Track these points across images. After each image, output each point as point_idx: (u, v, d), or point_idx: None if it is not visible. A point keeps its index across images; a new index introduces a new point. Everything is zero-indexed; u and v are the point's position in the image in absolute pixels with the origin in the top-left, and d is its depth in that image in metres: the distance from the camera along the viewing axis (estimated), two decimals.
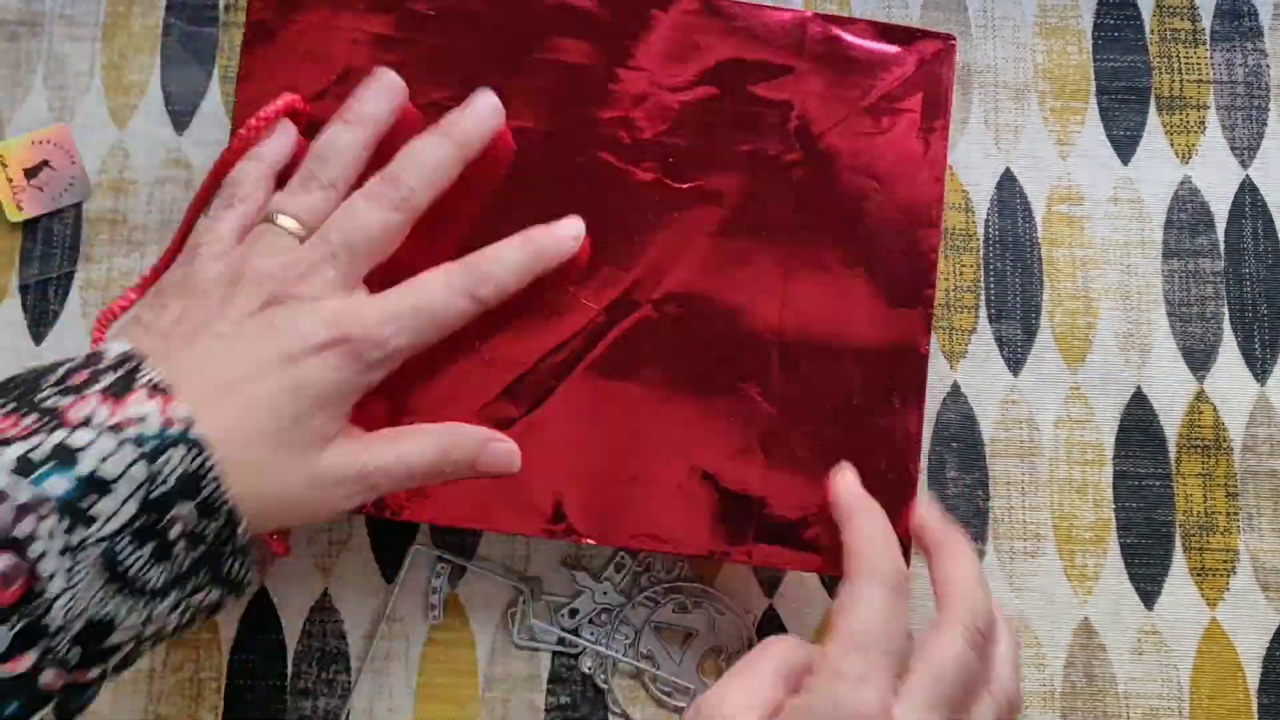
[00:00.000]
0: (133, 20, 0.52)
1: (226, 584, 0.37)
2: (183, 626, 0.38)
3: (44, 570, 0.32)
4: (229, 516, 0.36)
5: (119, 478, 0.33)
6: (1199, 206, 0.51)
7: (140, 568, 0.34)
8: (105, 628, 0.34)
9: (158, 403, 0.35)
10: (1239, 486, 0.49)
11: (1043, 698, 0.47)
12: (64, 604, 0.33)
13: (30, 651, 0.32)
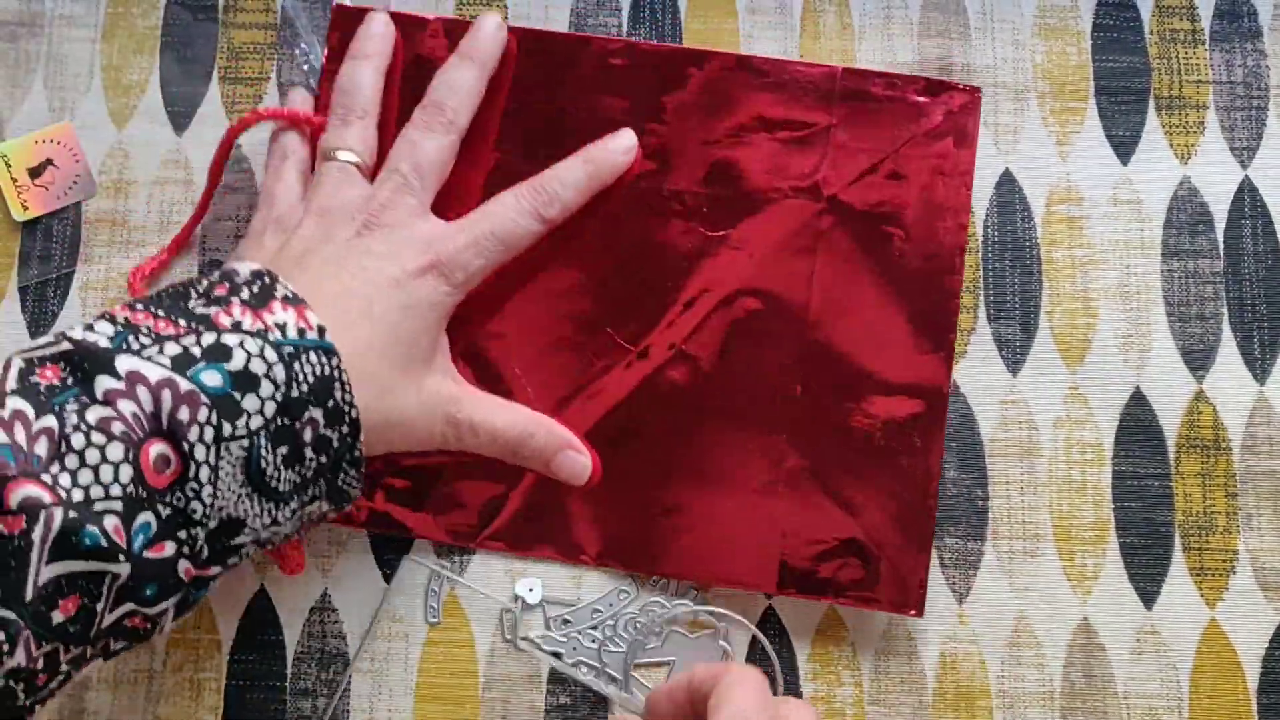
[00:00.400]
0: (132, 21, 0.52)
1: (337, 496, 0.40)
2: (290, 535, 0.40)
3: (196, 457, 0.34)
4: (353, 425, 0.39)
5: (264, 376, 0.36)
6: (1198, 207, 0.51)
7: (274, 468, 0.37)
8: (236, 526, 0.37)
9: (293, 312, 0.38)
10: (1238, 486, 0.49)
11: (1042, 698, 0.47)
12: (209, 494, 0.35)
13: (172, 539, 0.34)
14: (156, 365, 0.35)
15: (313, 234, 0.43)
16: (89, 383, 0.34)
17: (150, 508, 0.34)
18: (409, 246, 0.42)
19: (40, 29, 0.52)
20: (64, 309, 0.49)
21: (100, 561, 0.33)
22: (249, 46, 0.52)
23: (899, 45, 0.52)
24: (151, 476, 0.34)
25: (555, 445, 0.45)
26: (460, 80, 0.46)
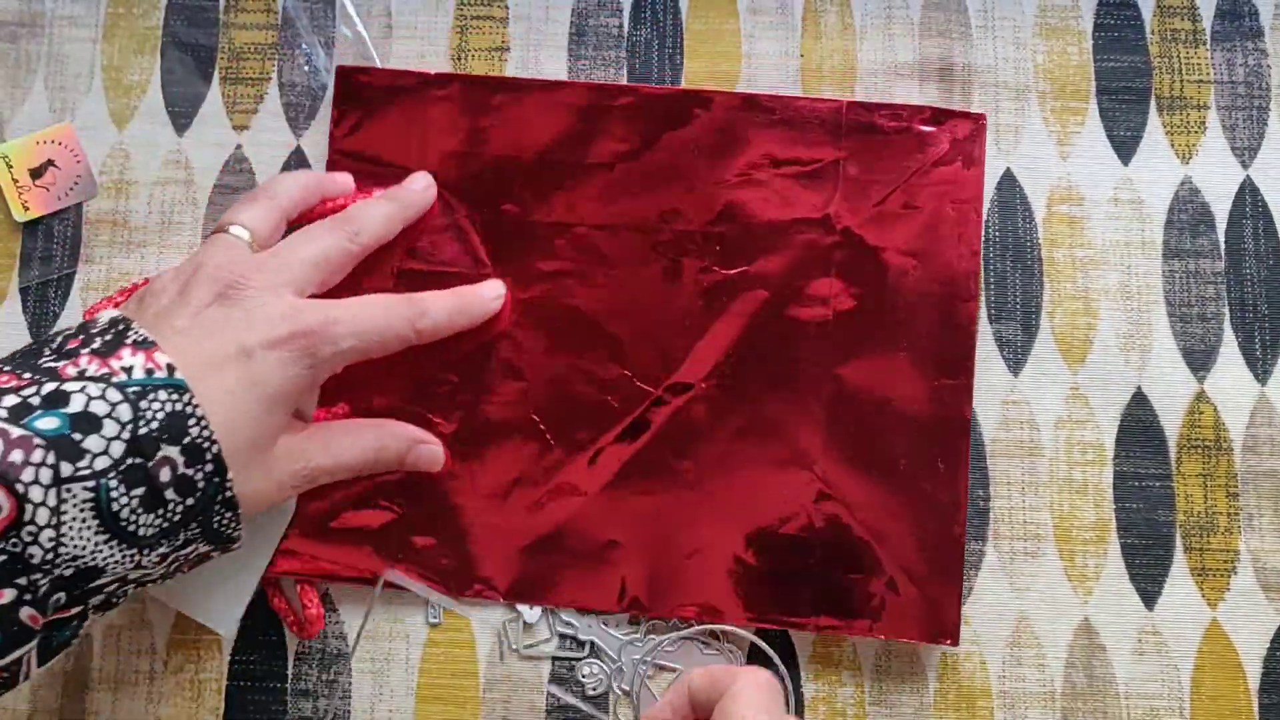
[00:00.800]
0: (133, 21, 0.52)
1: (217, 539, 0.39)
2: (168, 575, 0.39)
3: (32, 499, 0.33)
4: (217, 462, 0.37)
5: (106, 416, 0.35)
6: (1199, 207, 0.51)
7: (131, 512, 0.35)
8: (95, 574, 0.36)
9: (142, 355, 0.37)
10: (1239, 487, 0.49)
11: (1043, 698, 0.47)
12: (49, 538, 0.34)
13: (10, 586, 0.34)
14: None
15: (172, 298, 0.40)
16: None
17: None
18: (267, 316, 0.40)
19: (41, 29, 0.52)
20: (65, 309, 0.49)
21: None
22: (250, 47, 0.52)
23: (900, 45, 0.52)
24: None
25: (403, 447, 0.46)
26: (376, 210, 0.46)
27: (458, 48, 0.52)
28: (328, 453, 0.43)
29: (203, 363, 0.38)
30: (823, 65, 0.52)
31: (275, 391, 0.39)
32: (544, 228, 0.48)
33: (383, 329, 0.43)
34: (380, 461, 0.45)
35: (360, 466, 0.45)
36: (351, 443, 0.44)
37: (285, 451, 0.41)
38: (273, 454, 0.40)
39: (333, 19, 0.52)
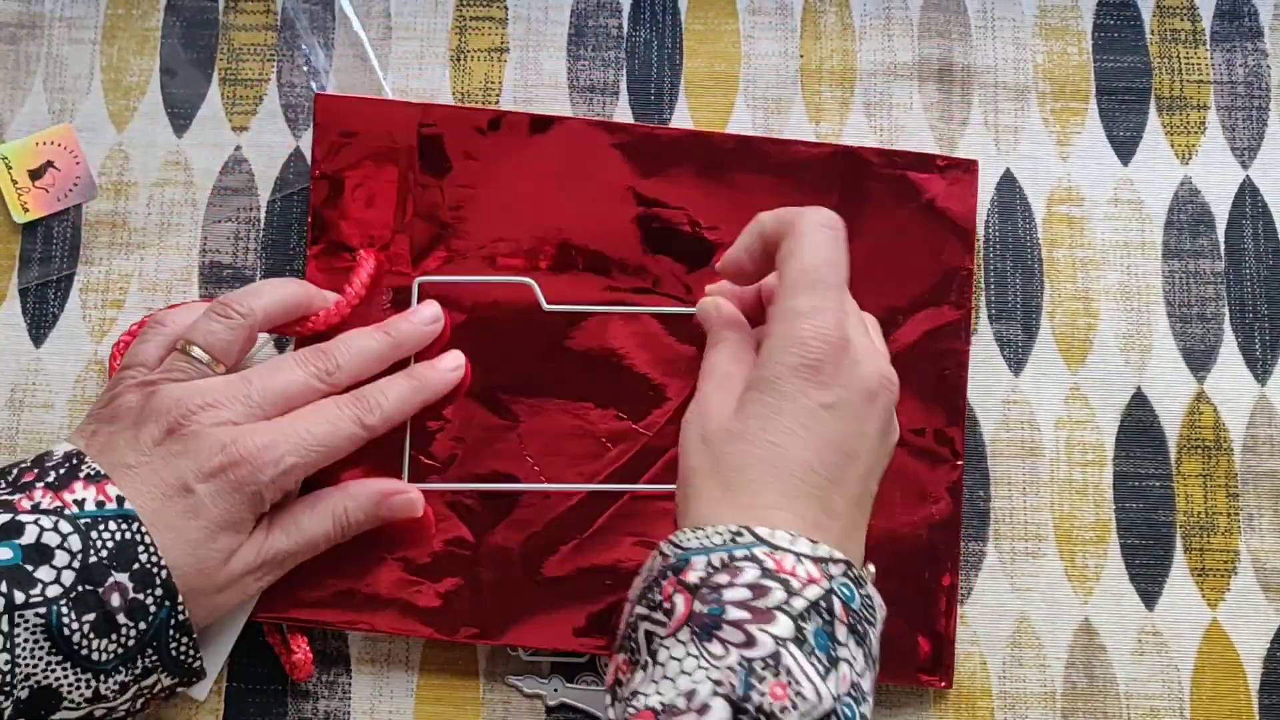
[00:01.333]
0: (132, 23, 0.52)
1: (177, 668, 0.40)
2: (135, 713, 0.41)
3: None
4: (167, 586, 0.39)
5: (58, 547, 0.38)
6: (1199, 207, 0.51)
7: (83, 636, 0.37)
8: (51, 696, 0.37)
9: (94, 489, 0.39)
10: (1239, 487, 0.49)
11: (1044, 698, 0.47)
12: (4, 661, 0.36)
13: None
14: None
15: (126, 435, 0.41)
16: None
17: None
18: (206, 448, 0.41)
19: (40, 31, 0.52)
20: (64, 310, 0.49)
21: None
22: (249, 48, 0.52)
23: (899, 45, 0.52)
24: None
25: (370, 506, 0.45)
26: (362, 345, 0.45)
27: (457, 48, 0.52)
28: (289, 536, 0.43)
29: (150, 499, 0.40)
30: (822, 65, 0.52)
31: (217, 520, 0.41)
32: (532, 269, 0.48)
33: (327, 437, 0.43)
34: (349, 526, 0.44)
35: (326, 537, 0.44)
36: (313, 518, 0.44)
37: (244, 555, 0.42)
38: (228, 568, 0.41)
39: (332, 20, 0.52)
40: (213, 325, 0.43)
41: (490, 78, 0.51)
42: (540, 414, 0.47)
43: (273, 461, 0.41)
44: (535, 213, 0.48)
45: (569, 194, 0.48)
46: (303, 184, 0.50)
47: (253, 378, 0.43)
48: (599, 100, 0.51)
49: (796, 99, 0.51)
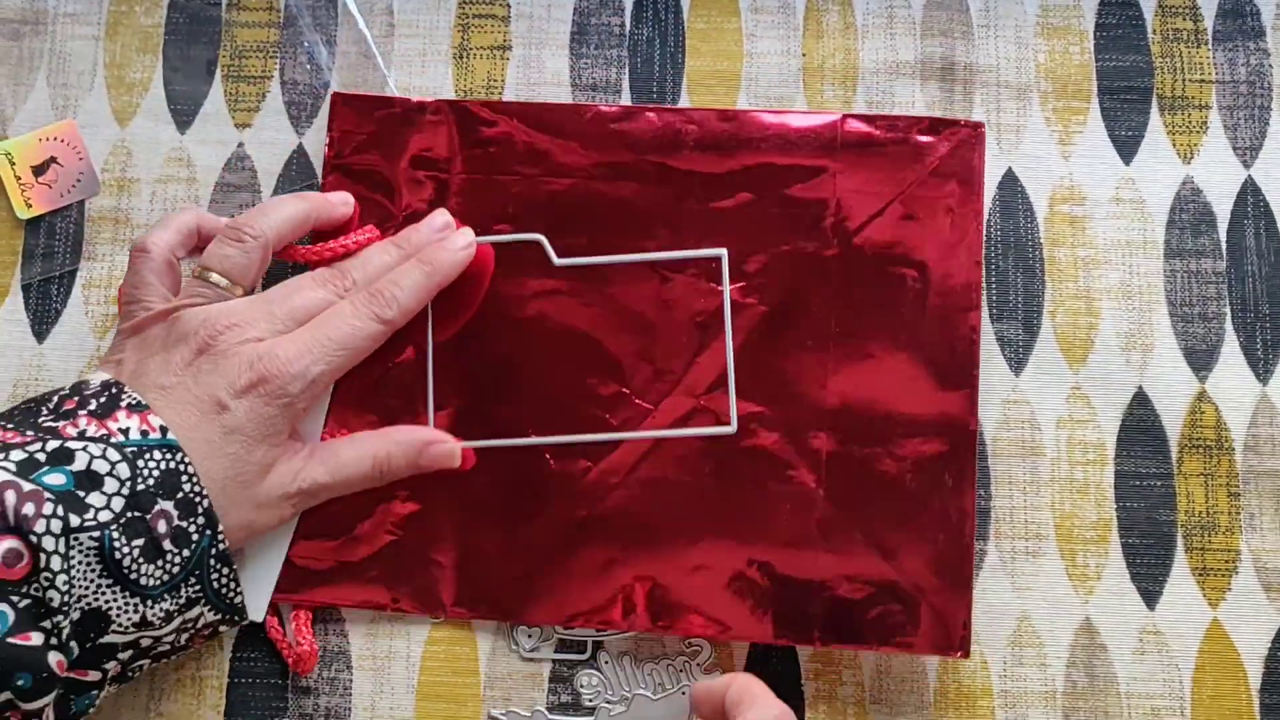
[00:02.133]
0: (135, 19, 0.52)
1: (219, 602, 0.42)
2: (180, 648, 0.42)
3: (45, 548, 0.36)
4: (208, 516, 0.40)
5: (107, 474, 0.39)
6: (1201, 206, 0.51)
7: (133, 561, 0.38)
8: (101, 620, 0.38)
9: (137, 418, 0.40)
10: (1241, 486, 0.49)
11: (1044, 698, 0.47)
12: (64, 582, 0.37)
13: (36, 630, 0.36)
14: (2, 470, 0.37)
15: (157, 357, 0.43)
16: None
17: (3, 599, 0.36)
18: (235, 366, 0.42)
19: (44, 27, 0.52)
20: (67, 306, 0.49)
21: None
22: (252, 45, 0.52)
23: (901, 44, 0.52)
24: (3, 570, 0.36)
25: (414, 451, 0.46)
26: (378, 260, 0.46)
27: (459, 46, 0.52)
28: (327, 468, 0.44)
29: (187, 418, 0.41)
30: (824, 64, 0.52)
31: (253, 433, 0.42)
32: (539, 247, 0.48)
33: (349, 339, 0.44)
34: (389, 470, 0.46)
35: (364, 477, 0.45)
36: (354, 455, 0.45)
37: (280, 476, 0.43)
38: (266, 484, 0.43)
39: (335, 17, 0.52)
40: (227, 250, 0.44)
41: (493, 75, 0.52)
42: (542, 384, 0.47)
43: (300, 373, 0.43)
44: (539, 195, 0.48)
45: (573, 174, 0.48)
46: (305, 181, 0.50)
47: (273, 298, 0.44)
48: (601, 98, 0.51)
49: (799, 97, 0.52)
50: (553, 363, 0.47)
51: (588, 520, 0.46)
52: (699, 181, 0.48)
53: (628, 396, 0.47)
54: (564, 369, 0.47)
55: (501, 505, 0.47)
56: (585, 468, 0.47)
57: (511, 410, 0.47)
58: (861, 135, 0.48)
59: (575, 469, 0.47)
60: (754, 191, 0.48)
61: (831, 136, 0.48)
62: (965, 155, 0.48)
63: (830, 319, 0.47)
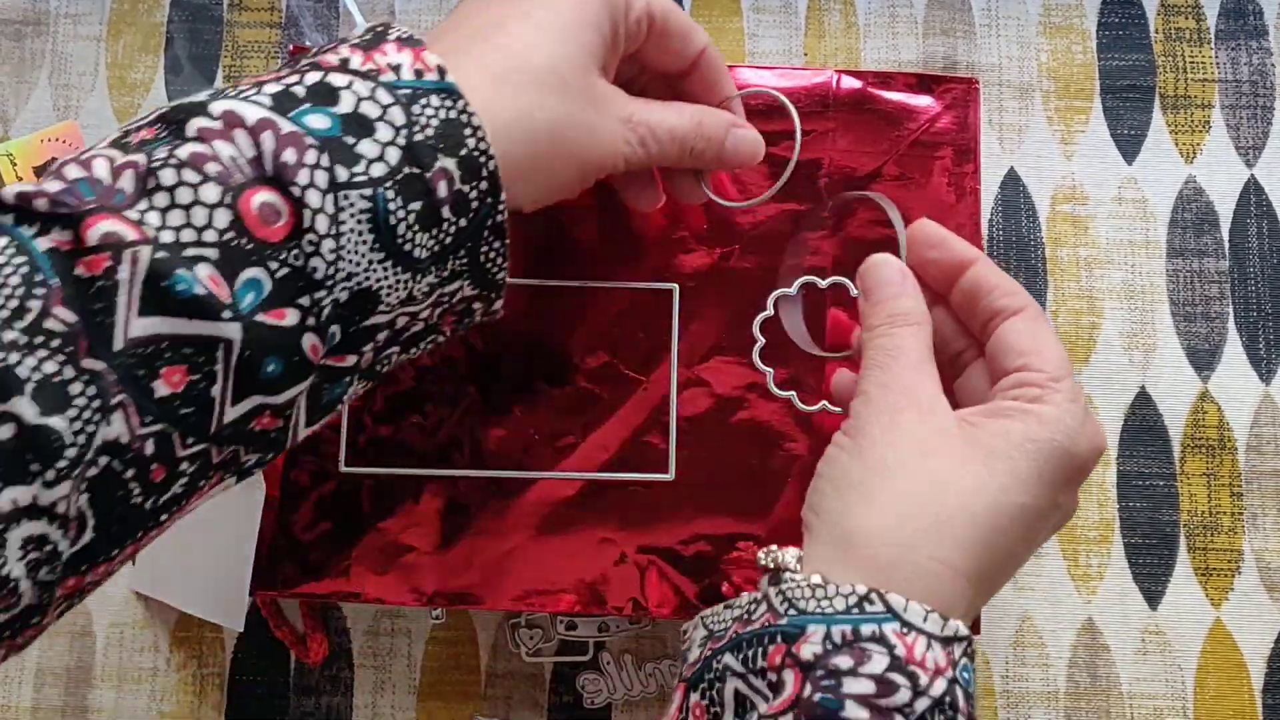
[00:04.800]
0: (137, 19, 0.52)
1: (482, 277, 0.35)
2: (433, 327, 0.36)
3: (310, 204, 0.30)
4: (492, 180, 0.33)
5: (379, 119, 0.32)
6: (1203, 206, 0.51)
7: (408, 228, 0.32)
8: (370, 299, 0.32)
9: (409, 53, 0.33)
10: (1243, 486, 0.49)
11: (1047, 698, 0.47)
12: (330, 250, 0.30)
13: (293, 306, 0.30)
14: (254, 105, 0.31)
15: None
16: (181, 127, 0.30)
17: (260, 263, 0.30)
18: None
19: (45, 28, 0.52)
20: None
21: (203, 320, 0.29)
22: (253, 45, 0.52)
23: (904, 44, 0.52)
24: (258, 227, 0.30)
25: (722, 128, 0.40)
26: None
27: None
28: (652, 114, 0.38)
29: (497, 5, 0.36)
30: (826, 64, 0.52)
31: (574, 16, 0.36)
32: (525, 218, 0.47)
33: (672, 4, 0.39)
34: (701, 138, 0.40)
35: (684, 136, 0.39)
36: (674, 112, 0.39)
37: (611, 98, 0.37)
38: (598, 90, 0.37)
39: (336, 17, 0.52)
40: None
41: None
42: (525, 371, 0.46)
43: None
44: None
45: None
46: None
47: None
48: None
49: None
50: (538, 336, 0.46)
51: (576, 497, 0.45)
52: None
53: (616, 368, 0.45)
54: (550, 344, 0.46)
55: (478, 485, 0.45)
56: (571, 444, 0.45)
57: (499, 389, 0.45)
58: (854, 93, 0.47)
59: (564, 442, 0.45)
60: None
61: (824, 95, 0.47)
62: (960, 113, 0.47)
63: (827, 282, 0.45)
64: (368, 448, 0.45)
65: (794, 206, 0.46)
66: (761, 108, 0.46)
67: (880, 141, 0.47)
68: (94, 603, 0.47)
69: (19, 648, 0.30)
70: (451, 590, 0.44)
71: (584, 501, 0.45)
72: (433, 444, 0.45)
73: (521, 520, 0.45)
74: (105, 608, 0.47)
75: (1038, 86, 0.52)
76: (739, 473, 0.45)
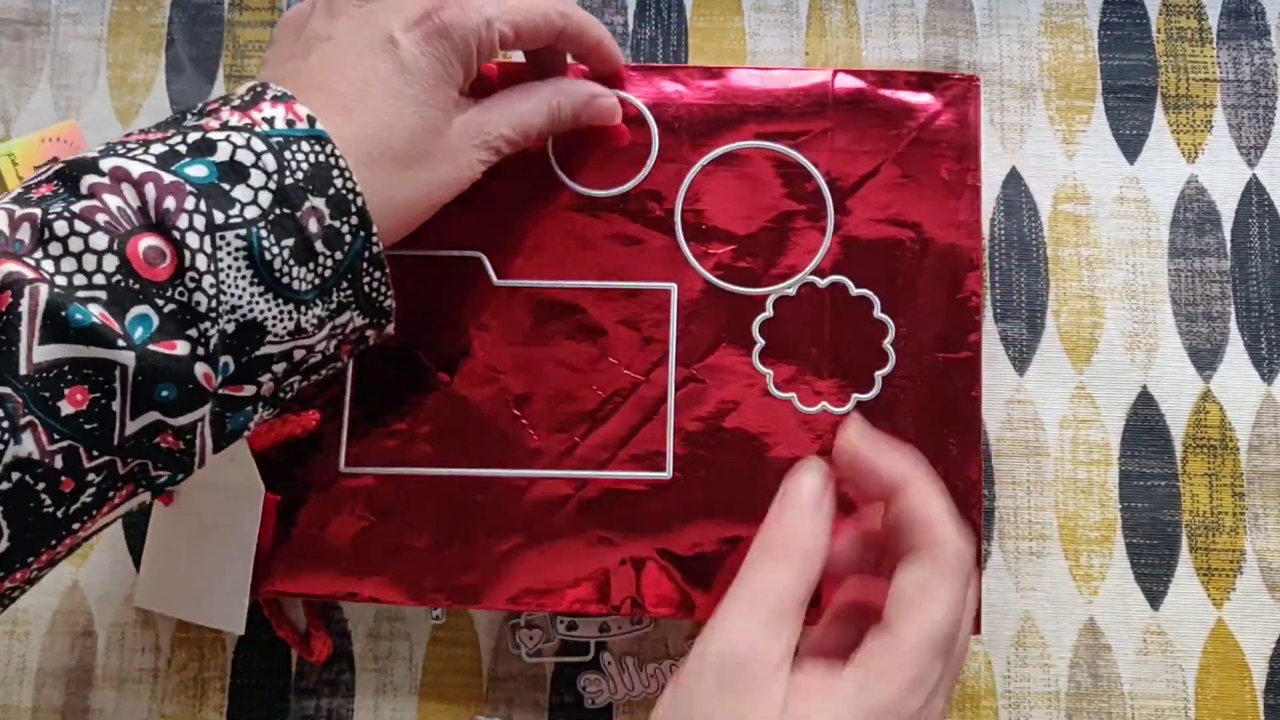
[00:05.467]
0: (138, 20, 0.52)
1: (369, 306, 0.38)
2: (331, 358, 0.39)
3: (189, 245, 0.33)
4: (362, 215, 0.37)
5: (253, 166, 0.35)
6: (1205, 206, 0.51)
7: (284, 263, 0.35)
8: (256, 330, 0.35)
9: (282, 107, 0.36)
10: (1245, 486, 0.49)
11: (1048, 698, 0.47)
12: (211, 285, 0.34)
13: (182, 338, 0.33)
14: (140, 162, 0.34)
15: (321, 16, 0.40)
16: (75, 183, 0.34)
17: (148, 301, 0.33)
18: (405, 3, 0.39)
19: (46, 28, 0.52)
20: None
21: (99, 348, 0.32)
22: (255, 45, 0.52)
23: (905, 43, 0.52)
24: (144, 269, 0.33)
25: (580, 100, 0.45)
26: None
27: None
28: (506, 118, 0.42)
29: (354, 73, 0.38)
30: (827, 63, 0.52)
31: (429, 71, 0.39)
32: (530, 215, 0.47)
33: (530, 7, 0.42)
34: (559, 120, 0.44)
35: (542, 126, 0.43)
36: (530, 105, 0.43)
37: (462, 128, 0.41)
38: (449, 135, 0.40)
39: None
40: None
41: None
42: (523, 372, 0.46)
43: (480, 5, 0.40)
44: None
45: None
46: None
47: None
48: None
49: None
50: (533, 335, 0.46)
51: (576, 495, 0.45)
52: (686, 139, 0.47)
53: (615, 366, 0.45)
54: (545, 343, 0.46)
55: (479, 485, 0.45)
56: (571, 444, 0.45)
57: (495, 391, 0.45)
58: (853, 92, 0.47)
59: (561, 440, 0.45)
60: (744, 151, 0.47)
61: (823, 95, 0.47)
62: (960, 111, 0.47)
63: (827, 280, 0.46)
64: (368, 448, 0.45)
65: (793, 206, 0.46)
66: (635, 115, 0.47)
67: (879, 140, 0.47)
68: (95, 604, 0.47)
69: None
70: (451, 589, 0.44)
71: (583, 501, 0.45)
72: (432, 444, 0.45)
73: (520, 520, 0.45)
74: (106, 608, 0.47)
75: (1039, 86, 0.52)
76: (738, 473, 0.45)
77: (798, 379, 0.45)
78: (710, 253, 0.46)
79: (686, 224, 0.46)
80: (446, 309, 0.46)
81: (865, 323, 0.46)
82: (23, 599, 0.47)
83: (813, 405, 0.45)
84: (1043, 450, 0.49)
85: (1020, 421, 0.49)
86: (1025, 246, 0.50)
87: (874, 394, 0.45)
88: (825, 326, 0.46)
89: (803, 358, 0.46)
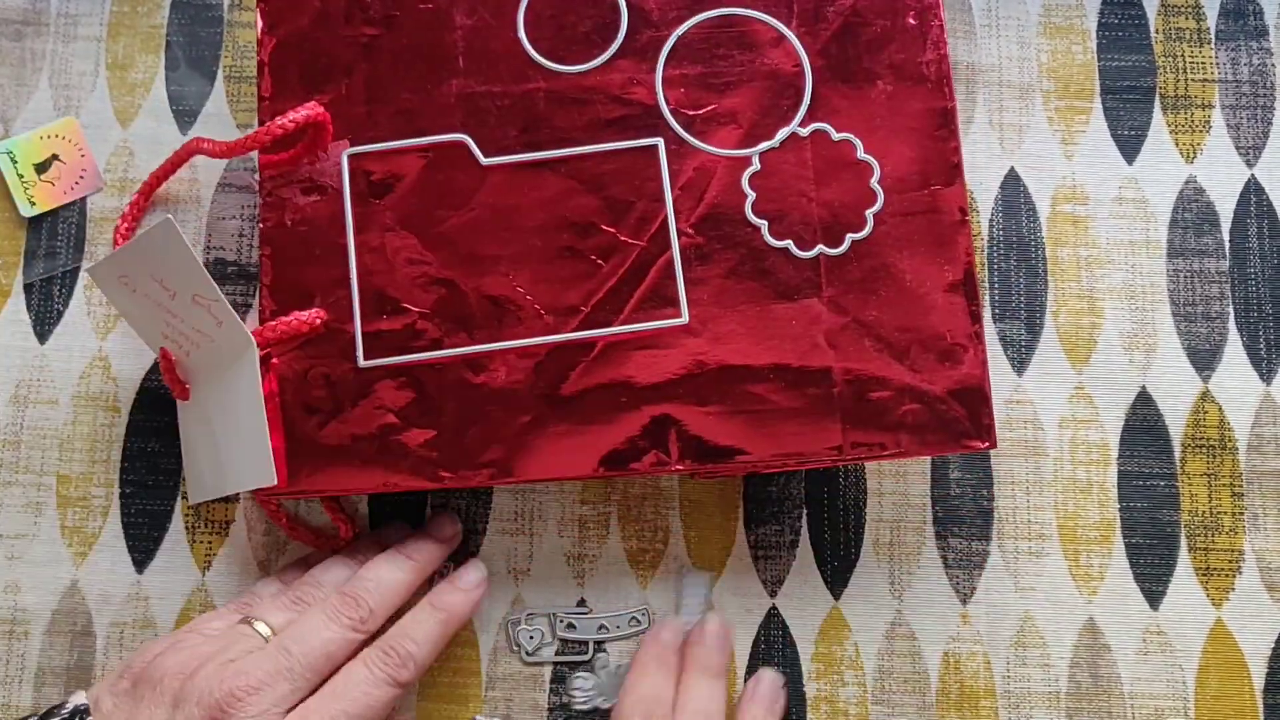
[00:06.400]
0: (137, 20, 0.52)
1: None
2: None
3: None
4: None
5: None
6: (1204, 206, 0.51)
7: None
8: None
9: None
10: (1244, 486, 0.49)
11: (1048, 698, 0.47)
12: None
13: None
14: None
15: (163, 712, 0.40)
16: None
17: None
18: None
19: (46, 27, 0.52)
20: (69, 306, 0.49)
21: None
22: (254, 45, 0.52)
23: None
24: None
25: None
26: (390, 580, 0.44)
27: None
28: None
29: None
30: None
31: None
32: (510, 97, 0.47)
33: (365, 709, 0.41)
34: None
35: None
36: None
37: None
38: None
39: None
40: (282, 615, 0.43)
41: None
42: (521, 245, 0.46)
43: None
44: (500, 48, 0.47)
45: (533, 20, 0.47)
46: None
47: (291, 647, 0.41)
48: None
49: None
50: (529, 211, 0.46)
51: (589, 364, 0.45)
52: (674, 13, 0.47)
53: (615, 235, 0.46)
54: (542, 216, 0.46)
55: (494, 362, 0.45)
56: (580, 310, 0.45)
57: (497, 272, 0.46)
58: None
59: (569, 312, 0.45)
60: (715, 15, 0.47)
61: None
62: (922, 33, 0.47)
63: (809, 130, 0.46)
64: (380, 342, 0.45)
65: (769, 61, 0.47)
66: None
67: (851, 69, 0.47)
68: (94, 603, 0.47)
69: None
70: (480, 465, 0.44)
71: (600, 361, 0.45)
72: (440, 329, 0.45)
73: (538, 391, 0.45)
74: (105, 608, 0.47)
75: (1038, 86, 0.52)
76: (749, 308, 0.45)
77: (791, 226, 0.46)
78: (692, 115, 0.47)
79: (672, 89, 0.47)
80: (439, 193, 0.46)
81: (850, 165, 0.46)
82: (23, 599, 0.47)
83: (809, 250, 0.46)
84: (1042, 450, 0.49)
85: (1019, 422, 0.49)
86: (1024, 247, 0.50)
87: (866, 232, 0.45)
88: (810, 172, 0.46)
89: (793, 205, 0.46)
